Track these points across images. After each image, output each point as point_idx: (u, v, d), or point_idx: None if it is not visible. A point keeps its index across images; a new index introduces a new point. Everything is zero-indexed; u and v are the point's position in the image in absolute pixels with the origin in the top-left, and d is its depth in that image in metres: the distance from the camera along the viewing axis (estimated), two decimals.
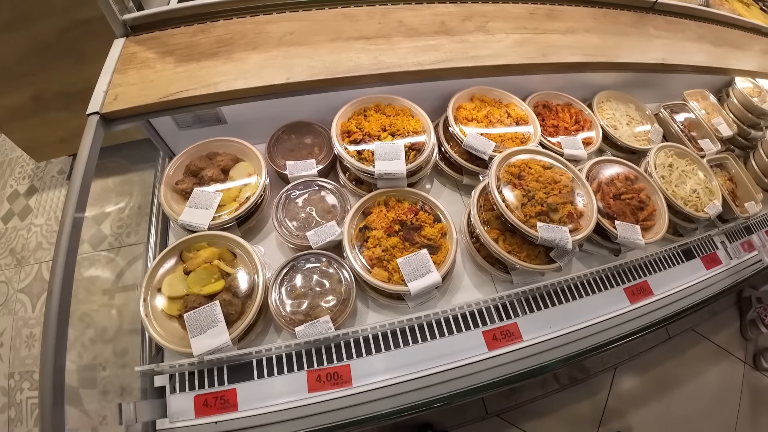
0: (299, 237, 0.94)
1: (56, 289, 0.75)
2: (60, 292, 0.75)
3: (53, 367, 0.68)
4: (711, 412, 1.57)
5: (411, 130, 1.02)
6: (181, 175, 1.05)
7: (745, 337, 1.75)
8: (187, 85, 0.90)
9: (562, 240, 0.85)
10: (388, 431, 1.37)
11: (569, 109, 1.25)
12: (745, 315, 1.77)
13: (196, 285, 0.89)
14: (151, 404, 0.82)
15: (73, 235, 0.81)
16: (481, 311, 0.92)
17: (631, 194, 1.07)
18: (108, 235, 1.66)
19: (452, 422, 1.37)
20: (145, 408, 0.80)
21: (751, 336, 1.73)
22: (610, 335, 0.93)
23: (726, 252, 1.22)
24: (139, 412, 0.77)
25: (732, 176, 1.34)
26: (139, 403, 0.78)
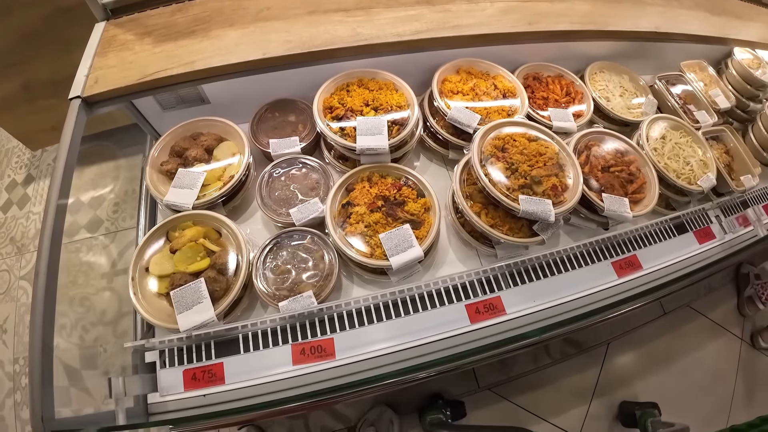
0: (283, 214, 0.95)
1: (42, 271, 0.77)
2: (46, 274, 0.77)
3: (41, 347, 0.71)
4: (706, 388, 1.57)
5: (394, 105, 1.00)
6: (166, 156, 1.05)
7: (743, 313, 1.73)
8: (164, 64, 0.90)
9: (544, 213, 0.84)
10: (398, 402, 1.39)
11: (560, 81, 1.22)
12: (742, 291, 1.75)
13: (182, 263, 0.90)
14: (141, 379, 0.84)
15: (57, 218, 0.83)
16: (465, 285, 0.92)
17: (620, 166, 1.05)
18: (104, 220, 1.68)
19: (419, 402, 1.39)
20: (135, 382, 0.82)
21: (748, 312, 1.72)
22: (595, 309, 0.93)
23: (720, 226, 1.20)
24: (128, 386, 0.79)
25: (729, 149, 1.31)
26: (128, 378, 0.79)
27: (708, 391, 1.57)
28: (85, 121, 0.92)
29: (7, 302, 1.56)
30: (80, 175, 1.80)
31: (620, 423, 1.46)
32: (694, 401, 1.54)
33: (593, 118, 1.24)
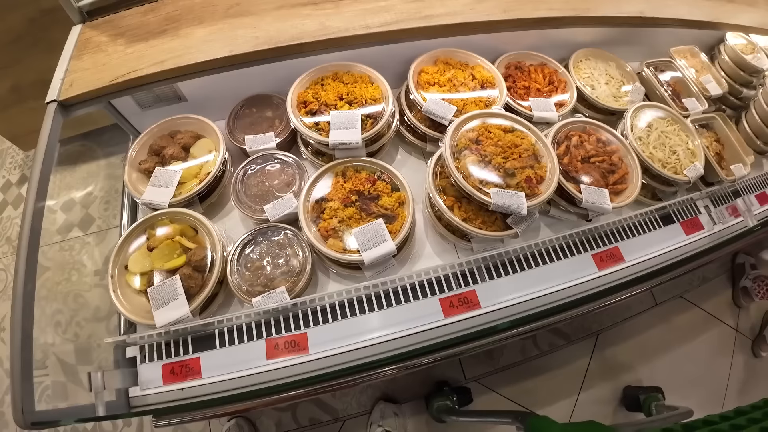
0: (258, 211, 0.95)
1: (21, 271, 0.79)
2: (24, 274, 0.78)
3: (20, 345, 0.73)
4: (699, 380, 1.56)
5: (369, 98, 0.99)
6: (144, 155, 1.05)
7: (737, 304, 1.71)
8: (135, 65, 0.90)
9: (516, 206, 0.83)
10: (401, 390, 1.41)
11: (543, 70, 1.19)
12: (738, 282, 1.72)
13: (159, 261, 0.91)
14: (121, 373, 0.86)
15: (35, 220, 0.84)
16: (440, 279, 0.92)
17: (601, 157, 1.03)
18: (96, 218, 1.71)
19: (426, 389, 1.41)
20: (115, 377, 0.84)
21: (743, 303, 1.69)
22: (570, 302, 0.92)
23: (709, 217, 1.17)
24: (107, 380, 0.81)
25: (719, 137, 1.27)
26: (107, 372, 0.81)
27: (700, 382, 1.56)
28: (61, 124, 0.93)
29: (5, 300, 1.60)
30: (73, 173, 1.83)
31: (624, 407, 1.46)
32: (686, 393, 1.53)
33: (577, 107, 1.22)
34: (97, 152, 1.85)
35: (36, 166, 0.88)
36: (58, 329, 1.48)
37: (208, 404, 0.84)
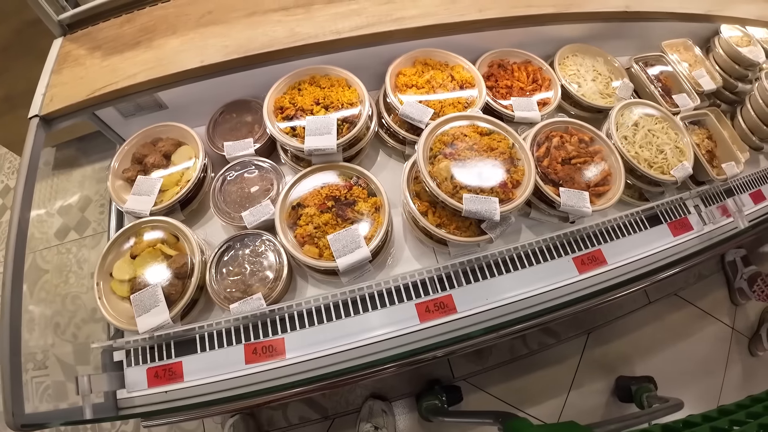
0: (236, 218, 0.96)
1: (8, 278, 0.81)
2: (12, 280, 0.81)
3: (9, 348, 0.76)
4: (694, 378, 1.54)
5: (345, 102, 0.98)
6: (128, 164, 1.07)
7: (735, 302, 1.67)
8: (110, 79, 0.92)
9: (489, 211, 0.82)
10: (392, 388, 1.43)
11: (527, 68, 1.17)
12: (733, 281, 1.67)
13: (141, 268, 0.93)
14: (108, 377, 0.88)
15: (20, 230, 0.86)
16: (416, 284, 0.92)
17: (583, 158, 1.01)
18: (92, 221, 1.74)
19: (417, 387, 1.42)
20: (102, 380, 0.86)
21: (740, 302, 1.65)
22: (548, 307, 0.92)
23: (699, 217, 1.14)
24: (94, 384, 0.83)
25: (712, 134, 1.23)
26: (94, 376, 0.84)
27: (696, 380, 1.54)
28: (43, 138, 0.95)
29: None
30: (69, 178, 1.86)
31: (617, 398, 1.46)
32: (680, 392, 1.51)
33: (563, 105, 1.20)
34: (92, 156, 1.88)
35: (20, 178, 0.90)
36: (57, 330, 1.53)
37: (190, 407, 0.86)
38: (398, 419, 1.39)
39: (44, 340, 1.53)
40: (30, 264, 1.67)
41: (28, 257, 1.69)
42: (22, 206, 0.89)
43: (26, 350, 1.51)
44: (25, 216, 0.90)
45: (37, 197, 1.83)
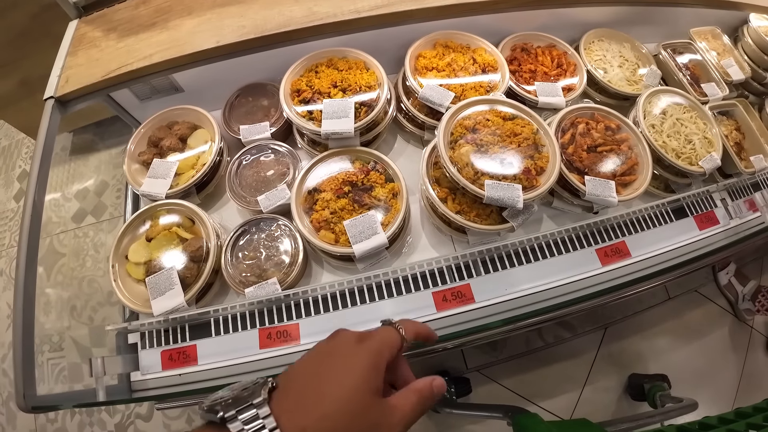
0: (252, 202, 0.95)
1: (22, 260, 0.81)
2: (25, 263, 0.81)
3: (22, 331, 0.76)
4: (710, 376, 1.50)
5: (363, 85, 0.96)
6: (144, 147, 1.06)
7: (743, 321, 1.59)
8: (125, 60, 0.91)
9: (511, 199, 0.79)
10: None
11: (551, 52, 1.13)
12: (736, 304, 1.59)
13: (157, 251, 0.93)
14: (122, 359, 0.89)
15: (34, 212, 0.86)
16: (434, 272, 0.90)
17: (609, 146, 0.97)
18: (108, 206, 1.76)
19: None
20: (115, 362, 0.87)
21: (748, 320, 1.58)
22: (569, 299, 0.89)
23: (726, 211, 1.10)
24: (108, 366, 0.84)
25: (740, 125, 1.18)
26: (108, 358, 0.85)
27: (712, 378, 1.50)
28: (59, 120, 0.95)
29: None
30: (86, 163, 1.88)
31: (629, 396, 1.43)
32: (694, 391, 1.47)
33: (588, 91, 1.15)
34: (109, 141, 1.90)
35: (35, 161, 0.90)
36: (74, 313, 1.55)
37: (204, 390, 0.86)
38: None
39: (60, 323, 1.56)
40: (47, 247, 1.70)
41: (45, 241, 1.72)
42: (36, 188, 0.89)
43: (42, 332, 1.55)
44: (40, 198, 0.90)
45: (54, 182, 1.85)
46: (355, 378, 0.30)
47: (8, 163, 1.98)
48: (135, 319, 0.97)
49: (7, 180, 1.94)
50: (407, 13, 0.85)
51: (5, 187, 1.92)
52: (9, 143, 2.00)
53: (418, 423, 1.00)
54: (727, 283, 1.60)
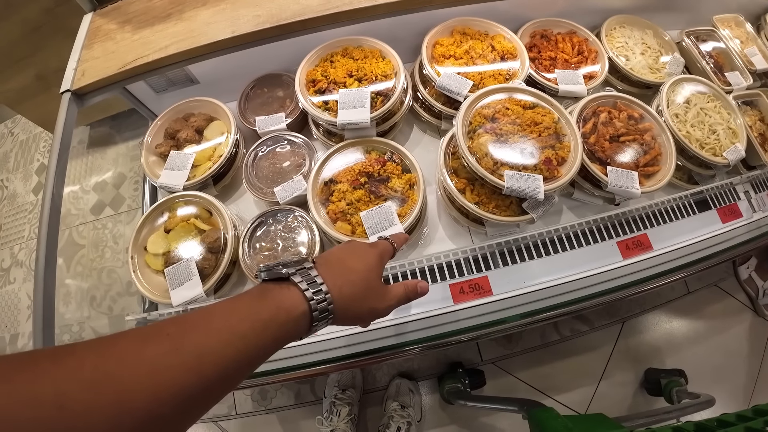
0: (269, 194, 0.95)
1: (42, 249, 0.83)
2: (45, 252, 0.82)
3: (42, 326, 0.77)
4: (728, 372, 1.46)
5: (379, 74, 0.94)
6: (161, 139, 1.07)
7: (764, 317, 1.54)
8: (141, 52, 0.91)
9: (532, 190, 0.78)
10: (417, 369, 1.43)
11: (571, 39, 1.09)
12: (756, 299, 1.54)
13: (175, 242, 0.94)
14: None
15: (53, 207, 0.87)
16: (450, 264, 0.90)
17: (632, 135, 0.95)
18: (127, 198, 1.78)
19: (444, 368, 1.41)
20: None
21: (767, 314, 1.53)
22: (589, 293, 0.87)
23: (749, 204, 1.06)
24: None
25: (764, 116, 1.13)
26: None
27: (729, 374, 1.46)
28: (76, 113, 0.96)
29: None
30: (104, 156, 1.91)
31: (646, 391, 1.41)
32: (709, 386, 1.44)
33: (609, 79, 1.12)
34: (126, 134, 1.92)
35: (53, 154, 0.91)
36: (93, 303, 1.59)
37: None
38: (423, 398, 1.39)
39: (80, 313, 1.60)
40: (67, 239, 1.74)
41: (64, 233, 1.76)
42: (55, 180, 0.89)
43: (63, 322, 1.58)
44: (58, 190, 0.91)
45: (72, 175, 1.88)
46: (369, 263, 0.45)
47: (26, 157, 2.02)
48: (154, 310, 0.99)
49: (25, 173, 1.98)
50: (424, 0, 0.83)
51: (24, 181, 1.96)
52: (27, 137, 2.04)
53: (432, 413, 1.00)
54: (747, 277, 1.56)
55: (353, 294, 0.41)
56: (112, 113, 1.87)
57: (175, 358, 0.28)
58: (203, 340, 0.30)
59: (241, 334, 0.32)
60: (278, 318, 0.35)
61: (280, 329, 0.35)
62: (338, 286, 0.39)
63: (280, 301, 0.36)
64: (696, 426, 0.59)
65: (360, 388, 1.37)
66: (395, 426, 1.23)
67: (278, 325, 0.34)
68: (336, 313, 0.39)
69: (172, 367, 0.27)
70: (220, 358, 0.30)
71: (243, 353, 0.31)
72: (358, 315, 0.43)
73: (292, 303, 0.36)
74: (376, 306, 0.45)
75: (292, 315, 0.35)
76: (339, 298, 0.39)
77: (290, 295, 0.37)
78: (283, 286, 0.38)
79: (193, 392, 0.28)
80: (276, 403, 1.39)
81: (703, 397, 1.11)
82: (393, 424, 1.24)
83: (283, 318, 0.35)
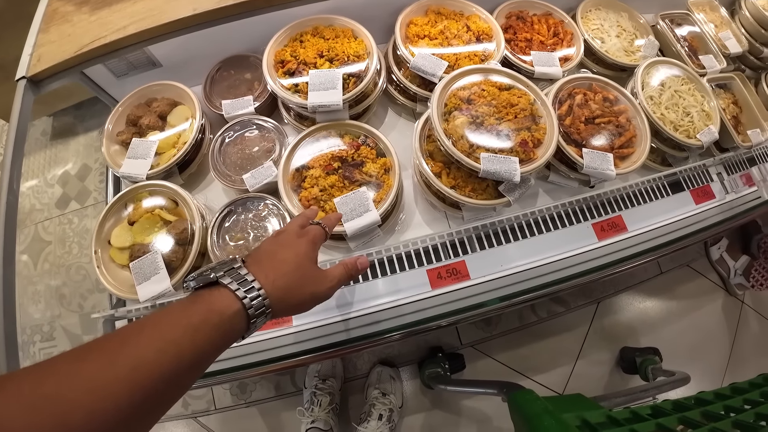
0: (237, 181, 0.91)
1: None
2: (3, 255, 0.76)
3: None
4: (702, 350, 1.52)
5: (351, 54, 0.91)
6: (122, 126, 1.01)
7: (735, 296, 1.60)
8: (99, 33, 0.85)
9: (508, 172, 0.76)
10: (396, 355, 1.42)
11: (547, 20, 1.08)
12: (728, 278, 1.59)
13: (140, 235, 0.90)
14: None
15: (9, 199, 0.81)
16: (428, 249, 0.88)
17: (607, 117, 0.94)
18: (92, 190, 1.70)
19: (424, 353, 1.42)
20: None
21: (739, 294, 1.59)
22: (565, 275, 0.88)
23: (722, 185, 1.09)
24: None
25: (737, 99, 1.16)
26: None
27: (703, 352, 1.52)
28: (32, 101, 0.90)
29: None
30: (66, 147, 1.80)
31: (621, 369, 1.45)
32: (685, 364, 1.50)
33: (584, 62, 1.11)
34: (89, 123, 1.82)
35: (8, 145, 0.85)
36: (63, 301, 1.52)
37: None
38: (405, 384, 1.39)
39: (50, 312, 1.53)
40: (32, 236, 1.65)
41: (29, 229, 1.67)
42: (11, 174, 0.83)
43: (32, 322, 1.51)
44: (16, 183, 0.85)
45: (35, 168, 1.78)
46: (299, 251, 0.45)
47: None
48: (122, 306, 0.95)
49: None
50: None
51: None
52: None
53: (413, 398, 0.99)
54: (719, 258, 1.61)
55: (288, 284, 0.41)
56: (74, 102, 1.76)
57: (111, 373, 0.28)
58: (136, 352, 0.30)
59: (173, 340, 0.32)
60: (211, 320, 0.35)
61: (215, 331, 0.35)
62: (271, 280, 0.40)
63: (211, 304, 0.36)
64: (674, 405, 0.60)
65: (341, 377, 1.36)
66: (377, 413, 1.23)
67: (211, 327, 0.35)
68: (274, 306, 0.39)
69: (109, 382, 0.28)
70: (155, 366, 0.30)
71: (177, 359, 0.31)
72: (299, 303, 0.44)
73: (224, 304, 0.36)
74: (316, 290, 0.46)
75: (225, 315, 0.36)
76: (273, 291, 0.39)
77: (221, 297, 0.37)
78: (213, 290, 0.38)
79: (134, 403, 0.28)
80: (256, 395, 1.37)
81: (678, 375, 1.15)
82: (375, 412, 1.24)
83: (216, 320, 0.35)
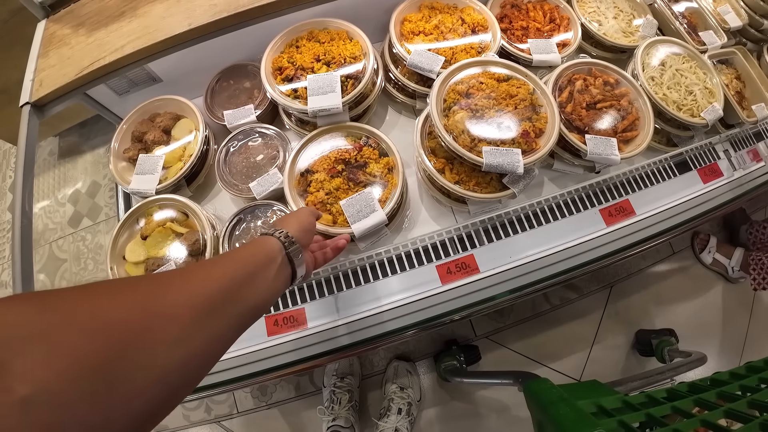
0: (244, 190, 0.92)
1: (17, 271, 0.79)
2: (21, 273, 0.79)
3: None
4: (717, 330, 1.50)
5: (348, 56, 0.91)
6: (128, 143, 1.03)
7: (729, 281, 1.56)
8: (97, 54, 0.87)
9: (511, 164, 0.76)
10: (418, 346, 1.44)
11: (542, 6, 1.07)
12: (728, 276, 1.52)
13: (154, 248, 0.92)
14: None
15: (24, 220, 0.84)
16: (435, 245, 0.89)
17: (609, 101, 0.94)
18: (103, 206, 1.73)
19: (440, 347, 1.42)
20: None
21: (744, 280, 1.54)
22: (574, 263, 0.88)
23: (729, 162, 1.07)
24: None
25: (740, 74, 1.13)
26: None
27: (719, 332, 1.50)
28: (37, 125, 0.92)
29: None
30: (75, 165, 1.84)
31: (637, 352, 1.44)
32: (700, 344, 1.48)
33: (583, 46, 1.10)
34: (96, 140, 1.85)
35: (18, 169, 0.88)
36: None
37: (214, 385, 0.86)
38: (421, 378, 1.41)
39: None
40: (48, 255, 1.69)
41: (44, 248, 1.71)
42: (23, 196, 0.86)
43: None
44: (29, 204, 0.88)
45: (46, 188, 1.82)
46: (310, 219, 0.60)
47: None
48: None
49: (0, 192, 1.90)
50: None
51: None
52: None
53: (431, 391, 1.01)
54: (712, 261, 1.57)
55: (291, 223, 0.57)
56: (79, 121, 1.79)
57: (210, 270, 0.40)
58: (223, 261, 0.43)
59: (250, 249, 0.47)
60: (267, 240, 0.50)
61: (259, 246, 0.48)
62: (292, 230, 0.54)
63: (264, 239, 0.51)
64: (690, 386, 0.60)
65: (358, 375, 1.37)
66: (396, 408, 1.25)
67: (256, 245, 0.48)
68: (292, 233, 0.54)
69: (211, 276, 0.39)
70: (248, 258, 0.44)
71: (264, 253, 0.47)
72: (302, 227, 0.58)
73: (265, 238, 0.51)
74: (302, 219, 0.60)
75: (267, 242, 0.50)
76: (290, 229, 0.55)
77: (267, 238, 0.51)
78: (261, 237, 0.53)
79: (236, 279, 0.40)
80: (276, 397, 1.40)
81: (694, 355, 1.14)
82: (394, 406, 1.25)
83: (260, 240, 0.50)
